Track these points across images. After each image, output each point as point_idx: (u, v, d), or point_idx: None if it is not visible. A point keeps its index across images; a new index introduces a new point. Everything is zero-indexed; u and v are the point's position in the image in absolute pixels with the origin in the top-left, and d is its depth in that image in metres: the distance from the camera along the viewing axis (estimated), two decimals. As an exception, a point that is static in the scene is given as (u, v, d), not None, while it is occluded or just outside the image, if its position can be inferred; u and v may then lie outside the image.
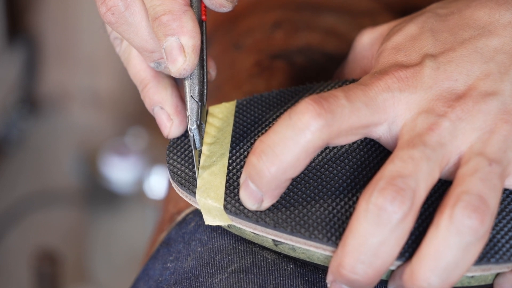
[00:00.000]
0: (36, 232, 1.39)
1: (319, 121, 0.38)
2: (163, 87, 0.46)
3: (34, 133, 1.56)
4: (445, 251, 0.36)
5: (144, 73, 0.46)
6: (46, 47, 1.57)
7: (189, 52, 0.42)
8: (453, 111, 0.39)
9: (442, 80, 0.40)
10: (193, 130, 0.43)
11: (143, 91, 0.47)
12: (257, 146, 0.39)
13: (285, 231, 0.40)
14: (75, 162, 1.47)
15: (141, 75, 0.47)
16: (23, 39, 1.55)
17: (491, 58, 0.41)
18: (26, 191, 1.44)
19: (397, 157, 0.38)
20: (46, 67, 1.59)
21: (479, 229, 0.36)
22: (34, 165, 1.51)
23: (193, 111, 0.44)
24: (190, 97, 0.44)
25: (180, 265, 0.45)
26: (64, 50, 1.56)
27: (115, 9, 0.43)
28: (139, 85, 0.47)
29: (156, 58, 0.45)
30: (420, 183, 0.37)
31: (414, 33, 0.43)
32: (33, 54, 1.57)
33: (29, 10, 1.54)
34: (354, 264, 0.37)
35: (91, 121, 1.59)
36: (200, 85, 0.44)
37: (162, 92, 0.46)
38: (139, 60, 0.47)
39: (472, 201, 0.37)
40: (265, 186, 0.39)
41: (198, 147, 0.43)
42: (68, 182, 1.47)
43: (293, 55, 0.57)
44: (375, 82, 0.40)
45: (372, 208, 0.37)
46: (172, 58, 0.42)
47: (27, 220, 1.40)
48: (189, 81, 0.44)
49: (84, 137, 1.55)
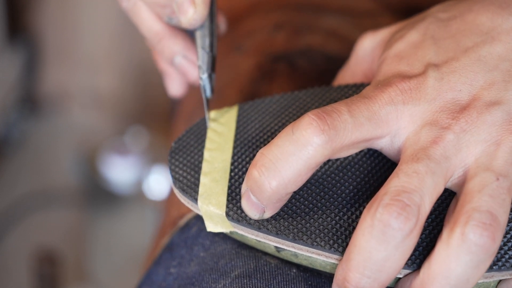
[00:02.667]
0: (36, 232, 1.39)
1: (322, 137, 0.38)
2: (181, 37, 0.49)
3: (34, 133, 1.56)
4: (457, 268, 0.36)
5: (158, 26, 0.49)
6: (46, 47, 1.57)
7: (198, 3, 0.45)
8: (457, 123, 0.39)
9: (445, 91, 0.40)
10: (204, 79, 0.46)
11: (160, 42, 0.49)
12: (258, 159, 0.39)
13: (287, 239, 0.40)
14: (75, 162, 1.47)
15: (155, 28, 0.49)
16: (23, 39, 1.54)
17: (495, 67, 0.40)
18: (26, 191, 1.44)
19: (402, 172, 0.38)
20: (46, 67, 1.59)
21: (490, 247, 0.36)
22: (34, 165, 1.51)
23: (204, 61, 0.46)
24: (201, 48, 0.46)
25: (183, 270, 0.45)
26: (64, 50, 1.56)
27: None
28: (154, 38, 0.49)
29: (169, 13, 0.47)
30: (425, 198, 0.37)
31: (416, 41, 0.43)
32: (33, 54, 1.57)
33: (29, 10, 1.54)
34: (360, 279, 0.37)
35: (91, 121, 1.59)
36: (210, 37, 0.47)
37: (182, 42, 0.49)
38: (149, 14, 0.49)
39: (483, 219, 0.36)
40: (266, 200, 0.39)
41: (209, 95, 0.46)
42: (68, 182, 1.47)
43: (295, 57, 0.57)
44: (378, 95, 0.40)
45: (377, 224, 0.36)
46: (183, 10, 0.45)
47: (27, 220, 1.40)
48: (200, 33, 0.47)
49: (84, 137, 1.55)
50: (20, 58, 1.53)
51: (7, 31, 1.50)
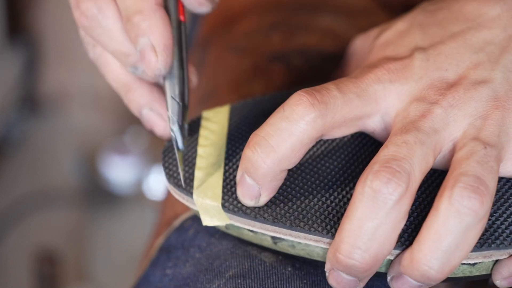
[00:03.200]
0: (36, 232, 1.39)
1: (313, 111, 0.38)
2: (149, 89, 0.46)
3: (34, 133, 1.56)
4: (445, 233, 0.36)
5: (125, 77, 0.46)
6: (46, 47, 1.57)
7: (160, 51, 0.42)
8: (444, 99, 0.40)
9: (432, 70, 0.41)
10: (175, 131, 0.43)
11: (127, 95, 0.46)
12: (252, 139, 0.39)
13: (284, 226, 0.40)
14: (75, 162, 1.47)
15: (122, 79, 0.46)
16: (23, 39, 1.55)
17: (481, 49, 0.41)
18: (26, 191, 1.44)
19: (391, 143, 0.38)
20: (46, 67, 1.59)
21: (479, 210, 0.36)
22: (34, 165, 1.51)
23: (174, 111, 0.43)
24: (171, 97, 0.44)
25: (179, 271, 0.45)
26: (64, 50, 1.56)
27: (89, 12, 0.43)
28: (122, 89, 0.46)
29: (133, 62, 0.44)
30: (415, 167, 0.37)
31: (402, 29, 0.44)
32: (33, 54, 1.57)
33: (29, 10, 1.54)
34: (351, 249, 0.37)
35: (91, 121, 1.59)
36: (180, 85, 0.44)
37: (148, 94, 0.46)
38: (117, 65, 0.46)
39: (471, 182, 0.36)
40: (261, 178, 0.39)
41: (181, 147, 0.43)
42: (68, 182, 1.47)
43: (291, 57, 0.57)
44: (366, 75, 0.41)
45: (368, 191, 0.37)
46: (146, 60, 0.42)
47: (27, 220, 1.40)
48: (168, 81, 0.44)
49: (84, 137, 1.55)
50: (20, 58, 1.53)
51: (7, 31, 1.50)
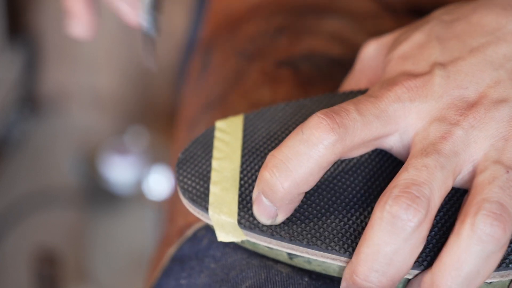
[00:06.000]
0: (36, 232, 1.38)
1: (332, 136, 0.38)
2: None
3: (34, 133, 1.56)
4: (467, 259, 0.36)
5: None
6: (46, 47, 1.57)
7: None
8: (465, 120, 0.39)
9: (452, 88, 0.40)
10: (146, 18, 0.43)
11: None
12: (269, 161, 0.39)
13: (301, 244, 0.40)
14: (75, 162, 1.47)
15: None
16: (23, 39, 1.54)
17: (501, 66, 0.41)
18: (26, 191, 1.44)
19: (411, 166, 0.38)
20: (46, 67, 1.59)
21: (501, 238, 0.36)
22: (34, 165, 1.51)
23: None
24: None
25: (194, 282, 0.45)
26: (64, 50, 1.56)
27: None
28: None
29: None
30: (435, 192, 0.37)
31: (421, 41, 0.43)
32: (33, 54, 1.57)
33: (29, 10, 1.54)
34: (368, 272, 0.37)
35: (91, 121, 1.59)
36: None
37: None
38: None
39: (494, 209, 0.36)
40: (279, 201, 0.39)
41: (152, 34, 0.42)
42: (68, 182, 1.46)
43: (298, 62, 0.57)
44: (385, 94, 0.40)
45: (387, 216, 0.37)
46: None
47: (27, 220, 1.40)
48: None
49: (84, 137, 1.55)
50: (20, 58, 1.53)
51: (7, 31, 1.50)
